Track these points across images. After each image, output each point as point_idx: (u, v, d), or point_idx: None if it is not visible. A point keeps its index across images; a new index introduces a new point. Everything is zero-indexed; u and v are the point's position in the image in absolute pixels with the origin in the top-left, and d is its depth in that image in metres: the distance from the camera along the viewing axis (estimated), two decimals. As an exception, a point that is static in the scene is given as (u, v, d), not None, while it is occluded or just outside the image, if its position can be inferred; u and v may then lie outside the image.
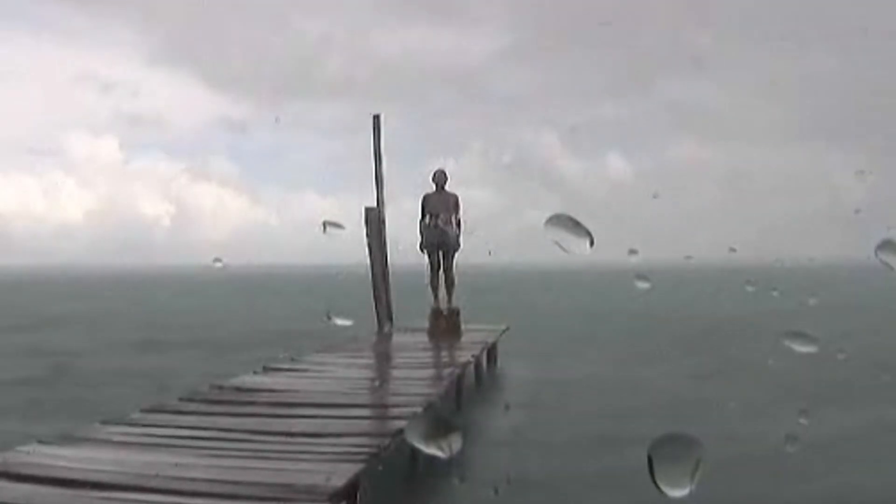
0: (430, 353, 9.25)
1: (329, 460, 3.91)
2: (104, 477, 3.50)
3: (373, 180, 10.72)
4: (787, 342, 1.62)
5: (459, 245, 10.64)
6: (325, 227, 1.82)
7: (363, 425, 5.03)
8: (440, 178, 10.60)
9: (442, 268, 10.64)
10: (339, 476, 3.57)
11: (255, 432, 4.54)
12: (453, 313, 10.55)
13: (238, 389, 6.15)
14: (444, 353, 9.20)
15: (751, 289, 3.82)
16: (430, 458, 1.38)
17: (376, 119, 10.90)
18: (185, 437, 4.41)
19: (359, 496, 3.70)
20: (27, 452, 3.99)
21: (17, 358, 12.10)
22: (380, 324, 10.79)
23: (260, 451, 4.12)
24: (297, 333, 13.20)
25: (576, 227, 1.45)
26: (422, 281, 10.89)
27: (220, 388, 6.24)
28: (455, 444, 1.37)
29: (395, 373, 7.81)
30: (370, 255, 10.55)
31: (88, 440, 4.33)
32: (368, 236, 10.45)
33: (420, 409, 5.31)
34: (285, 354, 8.49)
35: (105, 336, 15.90)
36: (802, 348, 1.63)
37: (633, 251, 1.86)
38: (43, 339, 14.86)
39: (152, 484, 3.43)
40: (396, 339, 10.29)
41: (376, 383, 7.21)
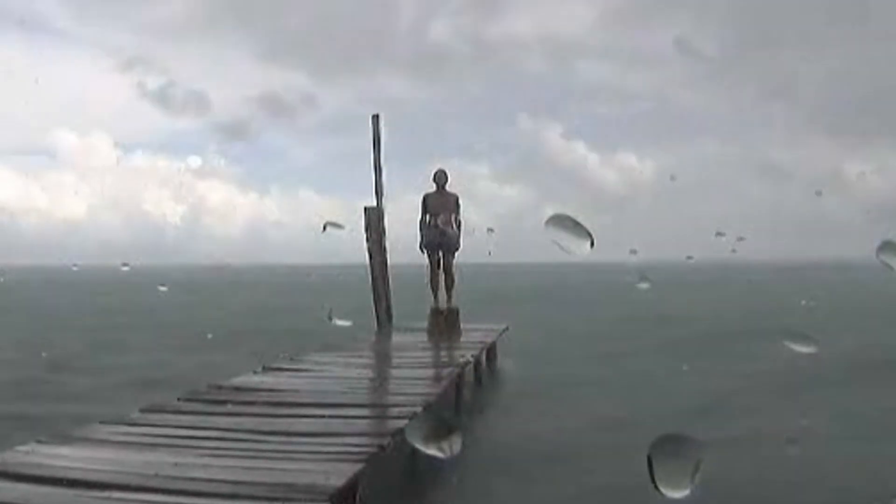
0: (429, 353, 9.25)
1: (329, 460, 3.90)
2: (104, 477, 3.50)
3: (373, 180, 10.74)
4: (787, 343, 1.63)
5: (459, 245, 10.64)
6: (324, 227, 1.83)
7: (363, 425, 5.03)
8: (440, 178, 10.60)
9: (442, 268, 10.64)
10: (339, 476, 3.57)
11: (255, 432, 4.54)
12: (453, 313, 10.55)
13: (238, 389, 6.15)
14: (443, 353, 9.20)
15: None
16: (430, 457, 1.38)
17: (375, 119, 10.90)
18: (185, 437, 4.41)
19: (358, 496, 3.70)
20: (26, 452, 3.99)
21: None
22: (379, 323, 10.80)
23: (260, 450, 4.12)
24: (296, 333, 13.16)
25: (575, 227, 1.45)
26: (422, 280, 10.90)
27: (219, 387, 6.24)
28: (455, 444, 1.37)
29: (395, 372, 7.81)
30: (370, 255, 10.56)
31: (88, 440, 4.33)
32: (368, 236, 10.46)
33: (420, 409, 5.31)
34: (284, 354, 8.49)
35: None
36: (802, 349, 1.64)
37: (633, 251, 1.86)
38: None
39: (152, 484, 3.43)
40: (396, 338, 10.29)
41: (376, 383, 7.22)
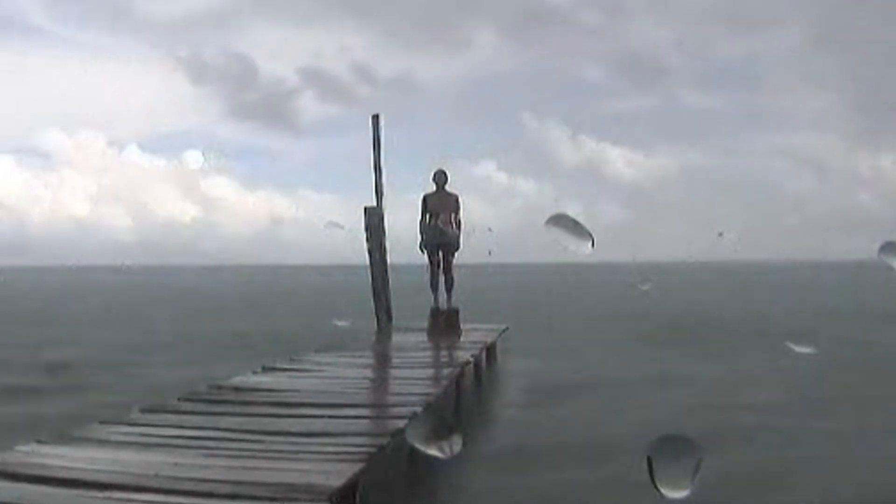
0: (429, 353, 9.25)
1: (329, 460, 3.91)
2: (104, 477, 3.50)
3: (373, 180, 10.73)
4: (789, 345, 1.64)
5: (459, 245, 10.64)
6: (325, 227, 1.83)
7: (363, 425, 5.03)
8: (440, 178, 10.60)
9: (442, 267, 10.64)
10: (339, 476, 3.57)
11: (255, 432, 4.54)
12: (453, 313, 10.55)
13: (238, 389, 6.15)
14: (443, 353, 9.20)
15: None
16: (430, 457, 1.38)
17: (375, 119, 10.89)
18: (185, 437, 4.41)
19: (358, 496, 3.70)
20: (26, 452, 3.99)
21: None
22: (379, 323, 10.80)
23: (260, 451, 4.12)
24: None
25: (576, 227, 1.45)
26: (421, 280, 10.90)
27: (219, 387, 6.24)
28: (455, 444, 1.37)
29: (395, 373, 7.81)
30: (370, 255, 10.55)
31: (88, 440, 4.33)
32: (368, 236, 10.45)
33: (420, 409, 5.31)
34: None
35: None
36: (802, 350, 1.65)
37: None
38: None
39: (152, 484, 3.43)
40: (396, 338, 10.29)
41: (376, 383, 7.22)
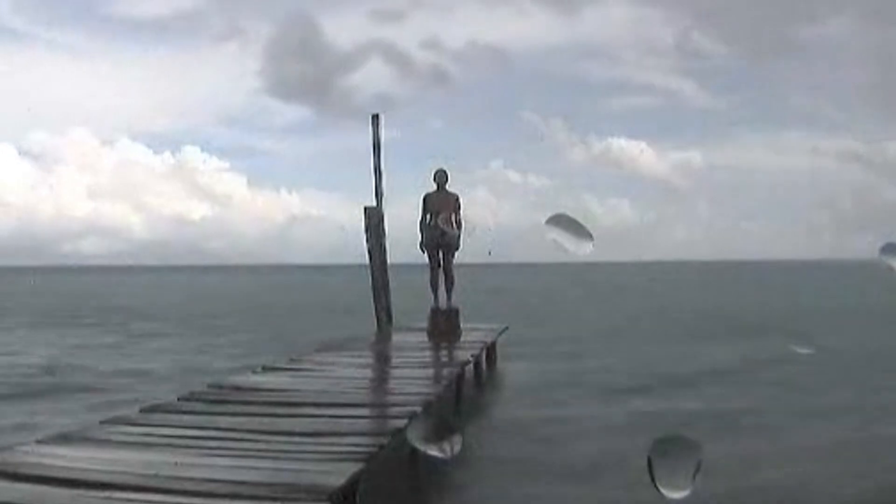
0: (429, 353, 9.24)
1: (329, 460, 3.91)
2: (104, 477, 3.50)
3: (373, 179, 10.74)
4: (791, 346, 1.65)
5: (459, 245, 10.62)
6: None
7: (363, 425, 5.03)
8: (440, 178, 10.58)
9: (442, 267, 10.63)
10: (339, 475, 3.57)
11: (255, 432, 4.54)
12: (453, 313, 10.54)
13: (238, 389, 6.15)
14: (443, 353, 9.19)
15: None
16: (430, 457, 1.38)
17: (375, 118, 10.89)
18: (185, 437, 4.41)
19: (358, 495, 3.70)
20: (26, 452, 3.99)
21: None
22: (379, 323, 10.79)
23: (260, 450, 4.12)
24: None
25: (576, 226, 1.45)
26: (421, 280, 10.89)
27: (219, 387, 6.25)
28: (455, 444, 1.37)
29: (395, 372, 7.81)
30: (370, 255, 10.55)
31: (88, 440, 4.33)
32: (368, 236, 10.45)
33: (419, 409, 5.31)
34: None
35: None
36: (802, 350, 1.65)
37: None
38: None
39: (152, 484, 3.43)
40: (396, 338, 10.28)
41: (376, 383, 7.22)
